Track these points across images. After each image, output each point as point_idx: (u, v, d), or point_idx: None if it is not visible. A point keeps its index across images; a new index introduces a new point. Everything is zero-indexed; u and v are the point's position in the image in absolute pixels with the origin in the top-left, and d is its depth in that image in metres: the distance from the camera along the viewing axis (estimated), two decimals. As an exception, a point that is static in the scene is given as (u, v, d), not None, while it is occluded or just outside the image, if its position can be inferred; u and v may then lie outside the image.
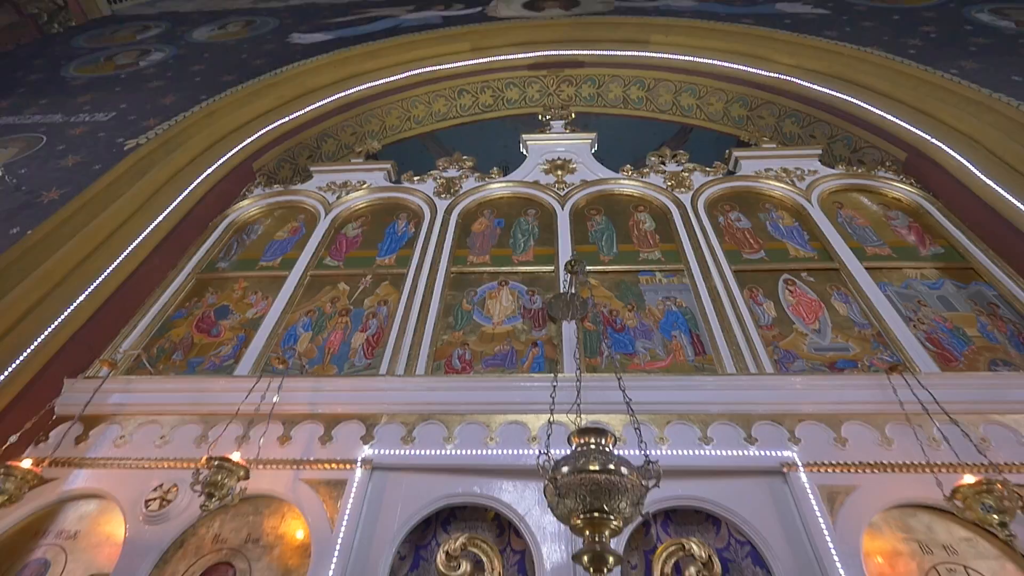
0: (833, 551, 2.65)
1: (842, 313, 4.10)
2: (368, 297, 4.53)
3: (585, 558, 1.98)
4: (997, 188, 4.61)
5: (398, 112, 7.74)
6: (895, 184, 5.38)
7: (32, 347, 3.60)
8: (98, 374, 3.81)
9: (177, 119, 6.00)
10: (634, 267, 4.65)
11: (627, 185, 5.63)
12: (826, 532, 2.73)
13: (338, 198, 5.75)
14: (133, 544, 2.89)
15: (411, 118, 7.88)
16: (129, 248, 4.56)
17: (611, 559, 1.97)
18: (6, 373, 3.40)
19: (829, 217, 5.03)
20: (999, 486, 2.41)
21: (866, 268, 4.41)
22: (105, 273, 4.29)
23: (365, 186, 5.90)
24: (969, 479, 2.51)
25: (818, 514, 2.80)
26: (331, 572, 2.69)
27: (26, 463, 2.85)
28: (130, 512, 3.03)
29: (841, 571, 2.58)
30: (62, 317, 3.86)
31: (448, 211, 5.39)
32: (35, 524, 3.04)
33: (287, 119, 6.83)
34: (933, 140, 5.35)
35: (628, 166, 5.88)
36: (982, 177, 4.77)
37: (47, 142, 5.70)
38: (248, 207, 5.75)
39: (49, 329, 3.75)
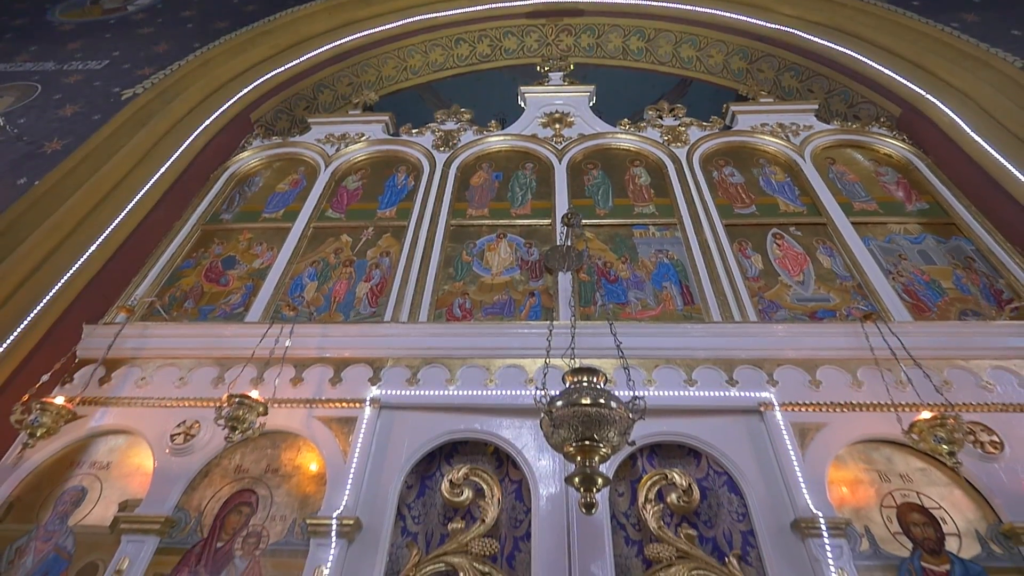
0: (801, 480, 2.93)
1: (826, 266, 4.28)
2: (371, 248, 4.67)
3: (576, 479, 2.24)
4: (985, 145, 4.69)
5: (394, 62, 7.62)
6: (887, 140, 5.46)
7: (51, 294, 3.76)
8: (115, 320, 4.00)
9: (172, 68, 5.93)
10: (628, 221, 4.78)
11: (624, 139, 5.68)
12: (796, 464, 3.00)
13: (337, 151, 5.78)
14: (162, 473, 3.16)
15: (408, 68, 7.77)
16: (135, 199, 4.65)
17: (600, 481, 2.23)
18: (29, 318, 3.57)
19: (821, 173, 5.13)
20: (951, 420, 2.67)
21: (852, 223, 4.56)
22: (113, 224, 4.40)
23: (364, 138, 5.92)
24: (925, 415, 2.76)
25: (789, 448, 3.08)
26: (345, 497, 2.95)
27: (59, 400, 3.08)
28: (157, 445, 3.28)
29: (807, 498, 2.85)
30: (76, 266, 3.99)
31: (447, 164, 5.45)
32: (70, 455, 3.31)
33: (283, 68, 6.75)
34: (928, 96, 5.38)
35: (626, 120, 5.91)
36: (972, 134, 4.84)
37: (42, 91, 5.66)
38: (248, 159, 5.79)
39: (65, 277, 3.89)
